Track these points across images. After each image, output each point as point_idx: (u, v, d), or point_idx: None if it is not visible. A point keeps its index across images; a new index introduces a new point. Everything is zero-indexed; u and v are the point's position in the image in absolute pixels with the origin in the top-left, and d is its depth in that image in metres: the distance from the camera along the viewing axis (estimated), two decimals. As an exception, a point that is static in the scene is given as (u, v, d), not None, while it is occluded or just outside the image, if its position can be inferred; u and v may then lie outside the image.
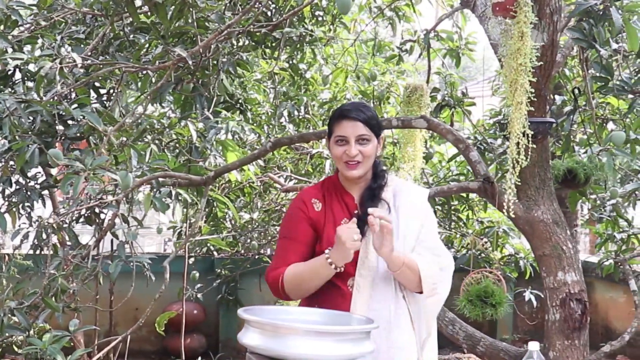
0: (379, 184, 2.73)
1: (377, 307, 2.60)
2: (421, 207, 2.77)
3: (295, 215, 2.73)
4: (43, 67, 3.28)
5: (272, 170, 6.33)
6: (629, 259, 4.72)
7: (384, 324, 2.54)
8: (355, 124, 2.64)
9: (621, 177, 5.06)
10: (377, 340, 2.50)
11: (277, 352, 2.17)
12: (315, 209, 2.70)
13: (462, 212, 6.26)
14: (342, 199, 2.73)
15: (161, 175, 3.94)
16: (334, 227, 2.63)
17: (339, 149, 2.65)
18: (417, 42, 5.37)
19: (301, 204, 2.73)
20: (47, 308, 3.68)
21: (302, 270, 2.62)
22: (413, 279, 2.59)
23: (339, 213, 2.69)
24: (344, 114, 2.68)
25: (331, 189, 2.76)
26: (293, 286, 2.63)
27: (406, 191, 2.78)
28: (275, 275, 2.65)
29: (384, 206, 2.69)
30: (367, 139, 2.65)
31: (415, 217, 2.71)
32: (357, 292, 2.61)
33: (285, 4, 4.69)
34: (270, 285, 2.69)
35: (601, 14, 3.41)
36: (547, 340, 3.84)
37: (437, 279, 2.64)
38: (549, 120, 3.58)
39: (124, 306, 6.16)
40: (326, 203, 2.72)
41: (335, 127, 2.68)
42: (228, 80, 4.11)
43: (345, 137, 2.64)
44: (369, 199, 2.69)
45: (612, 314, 7.21)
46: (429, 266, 2.61)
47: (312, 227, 2.69)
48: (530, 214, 3.74)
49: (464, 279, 4.19)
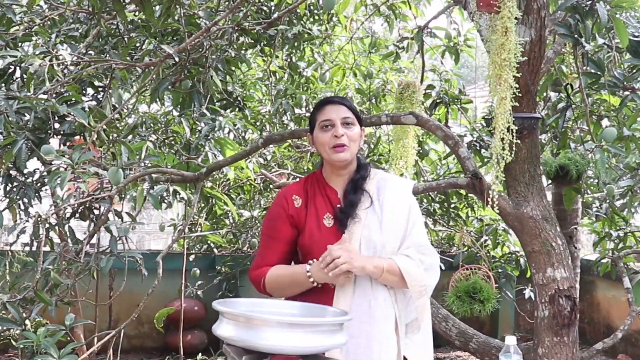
0: (361, 175, 2.74)
1: (359, 302, 2.60)
2: (406, 200, 2.76)
3: (276, 213, 2.74)
4: (32, 65, 3.32)
5: (272, 168, 6.36)
6: (623, 256, 4.69)
7: (365, 318, 2.57)
8: (339, 107, 2.68)
9: (617, 175, 5.05)
10: (358, 333, 2.55)
11: (250, 343, 2.19)
12: (295, 205, 2.71)
13: (461, 209, 6.26)
14: (325, 193, 2.74)
15: (153, 171, 3.97)
16: (316, 220, 2.66)
17: (325, 135, 2.66)
18: (414, 40, 5.37)
19: (282, 201, 2.74)
20: (40, 302, 3.72)
21: (282, 277, 2.65)
22: (397, 281, 2.61)
23: (321, 207, 2.70)
24: (327, 100, 2.74)
25: (314, 184, 2.77)
26: (274, 289, 2.69)
27: (390, 183, 2.78)
28: (257, 275, 2.70)
29: (367, 198, 2.70)
30: (351, 123, 2.68)
31: (401, 210, 2.72)
32: (339, 288, 2.62)
33: (281, 2, 4.71)
34: (252, 283, 2.74)
35: (588, 9, 3.40)
36: (536, 336, 3.82)
37: (425, 281, 2.65)
38: (534, 116, 3.56)
39: (126, 302, 6.24)
40: (308, 198, 2.73)
41: (319, 115, 2.70)
42: (219, 77, 4.13)
43: (331, 119, 2.66)
44: (352, 191, 2.70)
45: (614, 312, 7.18)
46: (414, 270, 2.61)
47: (293, 224, 2.70)
48: (520, 210, 3.73)
49: (453, 274, 4.18)
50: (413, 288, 2.63)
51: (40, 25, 4.05)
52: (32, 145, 3.67)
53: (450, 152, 5.46)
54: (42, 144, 3.59)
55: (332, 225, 2.66)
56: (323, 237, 2.63)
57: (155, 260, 3.93)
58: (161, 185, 4.22)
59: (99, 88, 4.30)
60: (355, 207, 2.67)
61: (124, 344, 7.34)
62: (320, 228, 2.66)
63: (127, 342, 7.26)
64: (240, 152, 4.14)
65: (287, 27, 4.69)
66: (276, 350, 2.17)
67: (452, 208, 6.20)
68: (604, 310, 7.34)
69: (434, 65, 5.48)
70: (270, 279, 2.66)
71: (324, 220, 2.68)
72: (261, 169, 5.65)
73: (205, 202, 5.90)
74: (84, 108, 3.67)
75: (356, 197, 2.68)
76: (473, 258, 5.63)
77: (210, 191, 5.24)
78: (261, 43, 4.89)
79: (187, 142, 4.55)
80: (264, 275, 2.67)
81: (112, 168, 3.60)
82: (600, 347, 4.26)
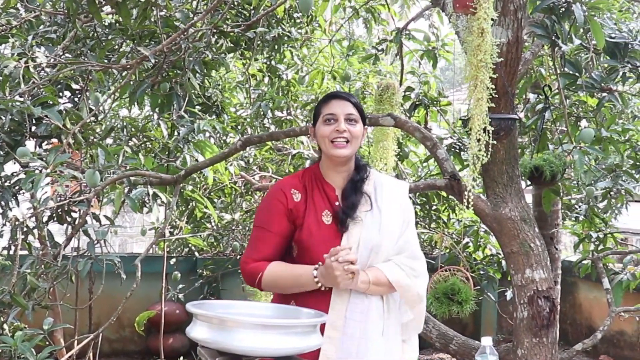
0: (361, 177, 2.75)
1: (356, 301, 2.61)
2: (403, 202, 2.78)
3: (274, 206, 2.70)
4: (7, 67, 3.30)
5: (253, 171, 6.35)
6: (603, 257, 4.71)
7: (361, 317, 2.59)
8: (345, 103, 2.69)
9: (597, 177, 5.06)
10: (353, 332, 2.58)
11: (224, 345, 2.18)
12: (294, 199, 2.69)
13: (442, 212, 6.26)
14: (323, 189, 2.73)
15: (131, 174, 3.96)
16: (315, 216, 2.66)
17: (327, 128, 2.66)
18: (393, 42, 5.37)
19: (280, 194, 2.71)
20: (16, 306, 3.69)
21: (285, 276, 2.63)
22: (385, 290, 2.64)
23: (319, 203, 2.69)
24: (333, 94, 2.76)
25: (312, 179, 2.75)
26: (272, 285, 2.66)
27: (387, 185, 2.80)
28: (253, 268, 2.65)
29: (366, 199, 2.71)
30: (355, 120, 2.69)
31: (398, 212, 2.73)
32: (335, 289, 2.61)
33: (259, 4, 4.70)
34: (245, 276, 2.70)
35: (564, 11, 3.42)
36: (515, 338, 3.83)
37: (417, 289, 2.69)
38: (511, 117, 3.57)
39: (107, 306, 6.20)
40: (307, 193, 2.71)
41: (324, 108, 2.71)
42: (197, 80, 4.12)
43: (335, 114, 2.66)
44: (352, 191, 2.70)
45: (596, 313, 7.22)
46: (405, 281, 2.64)
47: (290, 218, 2.67)
48: (498, 211, 3.74)
49: (432, 276, 4.18)
50: (407, 298, 2.68)
51: (17, 27, 4.03)
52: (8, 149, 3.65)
53: (431, 155, 5.48)
54: (18, 147, 3.57)
55: (331, 223, 2.66)
56: (322, 234, 2.63)
57: (133, 264, 3.91)
58: (140, 188, 4.20)
59: (76, 91, 4.28)
60: (356, 208, 2.68)
61: (105, 348, 7.31)
62: (320, 225, 2.65)
63: (108, 346, 7.23)
64: (219, 155, 4.13)
65: (265, 29, 4.68)
66: (250, 352, 2.17)
67: (434, 210, 6.20)
68: (586, 311, 7.37)
69: (413, 68, 5.48)
70: (268, 276, 2.62)
71: (322, 217, 2.67)
72: (243, 173, 5.64)
73: (186, 205, 5.88)
74: (60, 110, 3.64)
75: (356, 199, 2.69)
76: (454, 260, 5.63)
77: (191, 194, 5.23)
78: (240, 46, 4.88)
79: (165, 144, 4.53)
80: (262, 271, 2.63)
81: (89, 170, 3.58)
82: (580, 348, 4.27)
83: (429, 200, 6.05)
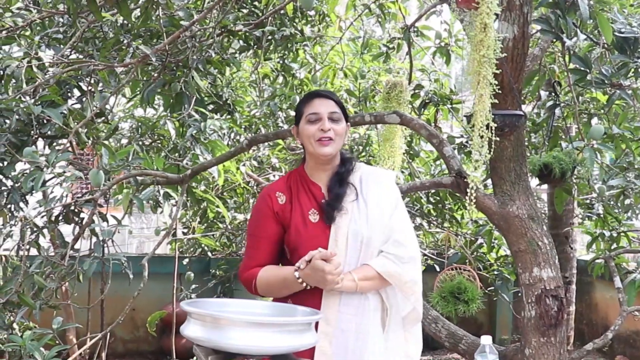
0: (346, 169, 2.75)
1: (348, 296, 2.60)
2: (389, 191, 2.77)
3: (261, 211, 2.74)
4: (10, 67, 3.31)
5: (265, 171, 6.34)
6: (615, 256, 4.64)
7: (353, 311, 2.59)
8: (327, 102, 2.69)
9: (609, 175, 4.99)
10: (347, 327, 2.58)
11: (218, 344, 2.17)
12: (279, 202, 2.71)
13: (456, 211, 6.21)
14: (309, 189, 2.73)
15: (137, 173, 3.95)
16: (301, 216, 2.66)
17: (311, 128, 2.66)
18: (403, 39, 5.33)
19: (266, 198, 2.74)
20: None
21: (273, 280, 2.65)
22: (377, 284, 2.63)
23: (305, 203, 2.70)
24: (315, 93, 2.75)
25: (297, 180, 2.76)
26: (265, 290, 2.69)
27: (373, 175, 2.80)
28: (247, 276, 2.70)
29: (352, 190, 2.71)
30: (338, 118, 2.69)
31: (385, 202, 2.73)
32: None
33: (268, 3, 4.69)
34: (244, 285, 2.75)
35: (569, 5, 3.36)
36: (523, 337, 3.78)
37: (407, 276, 2.66)
38: (516, 113, 3.51)
39: (120, 307, 6.19)
40: (292, 194, 2.72)
41: (307, 107, 2.70)
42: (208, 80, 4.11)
43: (318, 113, 2.66)
44: (337, 184, 2.71)
45: (612, 313, 7.13)
46: (394, 270, 2.62)
47: (278, 221, 2.69)
48: (505, 209, 3.69)
49: (438, 275, 4.15)
50: (400, 287, 2.66)
51: (25, 28, 4.04)
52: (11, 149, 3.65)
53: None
54: (25, 147, 3.58)
55: (318, 220, 2.67)
56: (309, 232, 2.64)
57: (140, 263, 3.92)
58: (150, 188, 4.20)
59: (84, 91, 4.29)
60: (341, 199, 2.68)
61: (119, 348, 7.36)
62: (307, 224, 2.66)
63: (122, 346, 7.27)
64: (225, 154, 4.12)
65: (274, 28, 4.65)
66: (243, 350, 2.15)
67: (447, 209, 6.16)
68: (602, 311, 7.28)
69: (423, 65, 5.44)
70: (260, 282, 2.66)
71: (309, 216, 2.67)
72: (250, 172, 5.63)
73: (198, 205, 5.88)
74: (64, 111, 3.65)
75: (342, 190, 2.69)
76: (466, 259, 5.58)
77: (203, 194, 5.23)
78: (252, 46, 4.87)
79: (174, 144, 4.53)
80: (255, 277, 2.66)
81: (93, 170, 3.58)
82: (591, 348, 4.20)
83: (443, 199, 6.01)
